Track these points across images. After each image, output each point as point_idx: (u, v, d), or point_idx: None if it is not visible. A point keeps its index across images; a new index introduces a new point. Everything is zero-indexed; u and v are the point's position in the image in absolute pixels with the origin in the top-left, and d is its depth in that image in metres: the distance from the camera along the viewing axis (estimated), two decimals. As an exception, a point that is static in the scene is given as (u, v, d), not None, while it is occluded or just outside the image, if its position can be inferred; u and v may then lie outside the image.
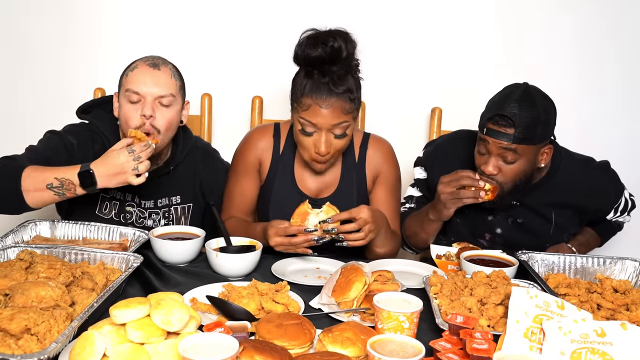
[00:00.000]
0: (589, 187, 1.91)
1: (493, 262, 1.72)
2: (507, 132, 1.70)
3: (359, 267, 1.49)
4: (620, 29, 2.51)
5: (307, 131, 1.77)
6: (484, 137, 1.76)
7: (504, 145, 1.72)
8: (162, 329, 1.19)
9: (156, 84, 1.74)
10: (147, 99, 1.73)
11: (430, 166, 2.02)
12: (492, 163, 1.76)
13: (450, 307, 1.40)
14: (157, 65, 1.77)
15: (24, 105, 2.60)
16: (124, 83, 1.77)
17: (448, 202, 1.79)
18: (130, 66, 1.79)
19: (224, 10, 2.54)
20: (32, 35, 2.55)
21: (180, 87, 1.81)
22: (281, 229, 1.69)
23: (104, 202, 1.88)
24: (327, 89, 1.71)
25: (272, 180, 1.94)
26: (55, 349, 1.12)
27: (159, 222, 1.92)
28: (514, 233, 1.93)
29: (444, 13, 2.52)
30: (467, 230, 1.97)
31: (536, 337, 1.22)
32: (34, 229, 1.76)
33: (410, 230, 1.97)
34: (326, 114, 1.72)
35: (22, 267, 1.41)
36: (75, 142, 1.81)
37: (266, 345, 1.18)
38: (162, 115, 1.74)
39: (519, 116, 1.69)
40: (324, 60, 1.71)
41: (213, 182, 2.01)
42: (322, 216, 1.71)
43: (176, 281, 1.61)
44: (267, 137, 1.97)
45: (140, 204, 1.91)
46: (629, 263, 1.68)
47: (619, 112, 2.57)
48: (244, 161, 1.97)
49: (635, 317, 1.38)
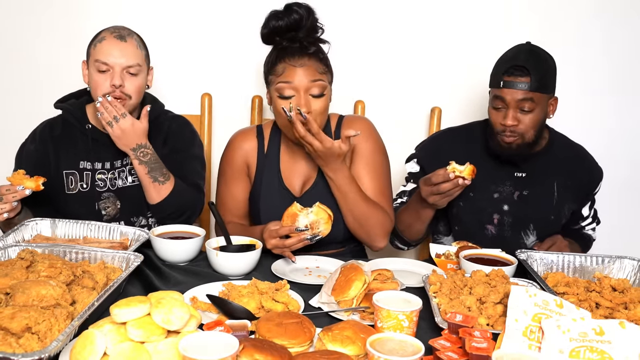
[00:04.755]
0: (581, 157, 2.04)
1: (492, 261, 1.73)
2: (524, 81, 1.81)
3: (358, 266, 1.49)
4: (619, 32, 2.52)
5: (284, 95, 1.80)
6: (500, 91, 1.84)
7: (520, 96, 1.82)
8: (163, 328, 1.19)
9: (123, 55, 1.86)
10: (115, 69, 1.86)
11: (424, 157, 2.05)
12: (510, 115, 1.84)
13: (450, 306, 1.41)
14: (124, 37, 1.89)
15: (20, 105, 2.61)
16: (92, 53, 1.89)
17: (437, 202, 1.82)
18: (98, 37, 1.90)
19: (223, 10, 2.55)
20: (30, 34, 2.56)
21: (145, 56, 1.95)
22: (273, 231, 1.70)
23: (68, 178, 1.97)
24: (298, 50, 1.81)
25: (260, 180, 1.96)
26: (56, 347, 1.12)
27: (126, 179, 1.99)
28: (520, 208, 1.97)
29: (445, 12, 2.52)
30: (473, 216, 1.98)
31: (535, 336, 1.22)
32: (34, 228, 1.77)
33: (404, 223, 1.98)
34: (301, 73, 1.79)
35: (23, 266, 1.41)
36: (32, 146, 1.99)
37: (266, 343, 1.19)
38: (131, 83, 1.88)
39: (534, 65, 1.81)
40: (289, 27, 1.81)
41: (176, 136, 2.05)
42: (312, 217, 1.71)
43: (176, 280, 1.61)
44: (251, 138, 2.00)
45: (112, 167, 1.99)
46: (627, 262, 1.68)
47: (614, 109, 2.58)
48: (230, 166, 1.99)
49: (634, 315, 1.38)
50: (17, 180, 1.71)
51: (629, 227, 2.58)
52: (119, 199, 1.99)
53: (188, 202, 1.94)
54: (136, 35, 1.94)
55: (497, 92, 1.85)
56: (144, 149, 1.88)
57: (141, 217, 2.03)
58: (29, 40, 2.56)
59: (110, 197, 1.99)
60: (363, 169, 1.92)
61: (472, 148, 2.00)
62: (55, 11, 2.54)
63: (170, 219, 1.92)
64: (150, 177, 1.88)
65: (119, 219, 1.99)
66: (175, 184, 1.90)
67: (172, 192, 1.89)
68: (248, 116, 2.50)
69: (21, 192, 1.70)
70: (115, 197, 1.99)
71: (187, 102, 2.40)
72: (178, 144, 2.03)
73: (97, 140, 1.97)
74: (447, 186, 1.74)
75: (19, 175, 1.73)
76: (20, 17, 2.56)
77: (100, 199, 1.98)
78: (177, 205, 1.91)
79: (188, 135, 2.09)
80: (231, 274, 1.66)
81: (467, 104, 2.50)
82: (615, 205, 2.40)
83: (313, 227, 1.70)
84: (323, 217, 1.71)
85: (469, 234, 1.98)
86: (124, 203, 1.99)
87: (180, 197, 1.91)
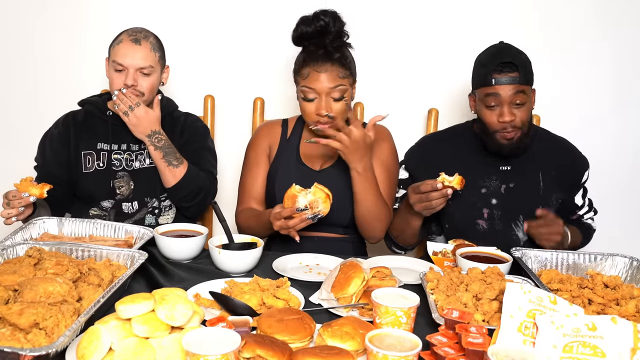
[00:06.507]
0: (564, 147, 2.06)
1: (488, 258, 1.74)
2: (514, 75, 1.85)
3: (357, 263, 1.51)
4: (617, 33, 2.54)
5: (308, 97, 1.92)
6: (492, 88, 1.86)
7: (513, 90, 1.85)
8: (167, 324, 1.20)
9: (137, 57, 1.98)
10: (129, 70, 1.98)
11: (411, 165, 2.09)
12: (506, 111, 1.87)
13: (447, 303, 1.41)
14: (139, 40, 2.00)
15: (35, 107, 2.64)
16: (111, 53, 2.02)
17: (424, 211, 1.86)
18: (117, 39, 2.03)
19: (226, 13, 2.56)
20: (41, 37, 2.59)
21: (160, 57, 2.06)
22: (277, 213, 1.77)
23: (85, 158, 2.08)
24: (322, 57, 1.90)
25: (279, 159, 2.06)
26: (63, 342, 1.13)
27: (144, 161, 2.09)
28: (508, 201, 2.00)
29: (441, 15, 2.53)
30: (463, 213, 2.00)
31: (529, 332, 1.23)
32: (42, 227, 1.79)
33: (397, 230, 2.01)
34: (323, 79, 1.89)
35: (31, 263, 1.43)
36: (56, 131, 2.11)
37: (267, 339, 1.19)
38: (144, 81, 2.01)
39: (519, 60, 1.86)
40: (316, 34, 1.91)
41: (191, 129, 2.17)
42: (310, 197, 1.75)
43: (180, 277, 1.63)
44: (276, 126, 2.13)
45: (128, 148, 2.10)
46: (619, 259, 1.70)
47: (608, 111, 2.59)
48: (255, 150, 2.10)
49: (625, 311, 1.39)
50: (23, 187, 1.76)
51: (621, 225, 2.60)
52: (133, 180, 2.08)
53: (202, 184, 2.05)
54: (152, 37, 2.05)
55: (489, 90, 1.88)
56: (158, 135, 1.99)
57: (154, 198, 2.10)
58: (44, 41, 2.60)
59: (125, 177, 2.08)
60: (379, 170, 2.00)
61: (458, 148, 2.05)
62: (65, 13, 2.57)
63: (186, 201, 2.04)
64: (165, 162, 1.99)
65: (132, 199, 2.08)
66: (188, 168, 2.02)
67: (186, 174, 2.00)
68: (250, 118, 2.51)
69: (26, 199, 1.75)
70: (129, 177, 2.08)
71: (190, 103, 2.41)
72: (193, 137, 2.15)
73: (117, 125, 2.08)
74: (435, 195, 1.78)
75: (25, 182, 1.77)
76: (28, 18, 2.59)
77: (115, 177, 2.07)
78: (192, 187, 2.02)
79: (201, 129, 2.20)
80: (233, 271, 1.68)
81: (463, 105, 2.51)
82: (607, 204, 2.41)
83: (312, 207, 1.75)
84: (321, 197, 1.75)
85: (461, 231, 2.00)
86: (138, 184, 2.08)
87: (194, 179, 2.02)
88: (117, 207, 2.07)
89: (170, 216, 2.14)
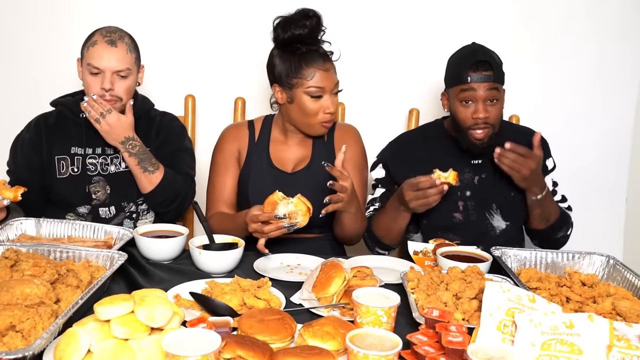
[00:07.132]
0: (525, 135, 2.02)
1: (468, 257, 1.76)
2: (488, 74, 1.90)
3: (338, 263, 1.51)
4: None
5: (316, 95, 1.93)
6: (468, 85, 1.90)
7: (488, 87, 1.89)
8: (146, 325, 1.19)
9: (113, 60, 1.93)
10: (106, 73, 1.93)
11: (389, 159, 2.11)
12: (481, 108, 1.91)
13: (427, 302, 1.42)
14: (114, 42, 1.94)
15: (6, 107, 2.60)
16: (85, 56, 1.96)
17: (418, 208, 1.87)
18: (91, 40, 1.96)
19: (208, 12, 2.55)
20: (24, 33, 2.56)
21: (135, 59, 2.00)
22: (254, 215, 1.76)
23: (59, 163, 2.02)
24: (322, 56, 1.94)
25: (249, 163, 2.05)
26: (40, 345, 1.12)
27: (119, 165, 2.05)
28: (481, 191, 2.03)
29: (421, 16, 2.55)
30: (439, 207, 1.98)
31: (508, 330, 1.24)
32: (19, 228, 1.77)
33: (383, 229, 2.01)
34: (329, 76, 1.94)
35: (8, 265, 1.41)
36: (27, 135, 2.06)
37: (248, 340, 1.19)
38: (121, 84, 1.95)
39: (492, 58, 1.92)
40: (310, 34, 1.92)
41: (168, 129, 2.13)
42: (290, 207, 1.73)
43: (160, 278, 1.62)
44: (243, 129, 2.11)
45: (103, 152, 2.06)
46: (596, 258, 1.72)
47: (592, 112, 2.63)
48: (222, 154, 2.07)
49: (602, 309, 1.41)
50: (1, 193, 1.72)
51: (598, 224, 2.63)
52: (109, 184, 2.04)
53: (179, 189, 2.01)
54: (127, 37, 1.99)
55: (465, 87, 1.91)
56: (132, 142, 1.95)
57: (131, 203, 2.07)
58: (22, 39, 2.56)
59: (100, 182, 2.04)
60: (351, 170, 2.00)
61: (431, 145, 2.08)
62: (45, 10, 2.54)
63: (163, 206, 2.01)
64: (141, 168, 1.95)
65: (109, 204, 2.04)
66: (165, 173, 1.98)
67: (163, 180, 1.97)
68: (231, 117, 2.51)
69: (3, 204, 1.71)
70: (105, 182, 2.04)
71: (171, 103, 2.40)
72: (169, 137, 2.11)
73: (91, 129, 2.01)
74: (432, 191, 1.81)
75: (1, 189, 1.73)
76: (12, 16, 2.55)
77: (90, 182, 2.03)
78: (168, 193, 1.99)
79: (178, 129, 2.16)
80: (214, 271, 1.67)
81: (443, 106, 2.54)
82: (585, 204, 2.44)
83: (291, 217, 1.74)
84: (302, 209, 1.74)
85: (438, 225, 2.03)
86: (114, 189, 2.04)
87: (171, 185, 1.99)
88: (93, 212, 2.04)
89: (148, 220, 2.10)
